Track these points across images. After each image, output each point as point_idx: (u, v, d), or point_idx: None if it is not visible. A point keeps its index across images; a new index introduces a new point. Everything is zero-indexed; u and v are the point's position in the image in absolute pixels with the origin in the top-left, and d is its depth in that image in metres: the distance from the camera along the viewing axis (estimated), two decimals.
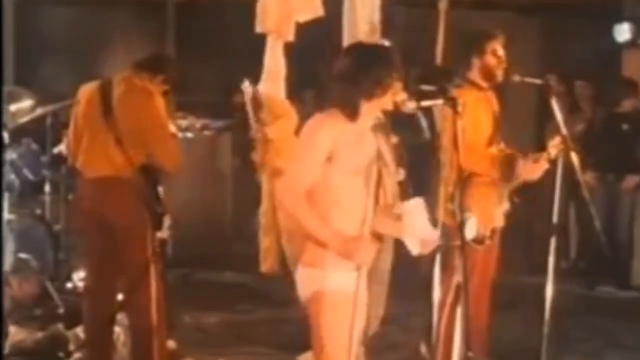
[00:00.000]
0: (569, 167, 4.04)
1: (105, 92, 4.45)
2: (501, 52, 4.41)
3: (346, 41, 4.56)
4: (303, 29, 4.83)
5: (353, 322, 3.14)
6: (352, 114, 3.09)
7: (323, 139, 3.06)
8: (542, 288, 4.11)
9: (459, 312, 3.53)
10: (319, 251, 3.11)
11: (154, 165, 4.50)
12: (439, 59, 5.46)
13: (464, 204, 4.13)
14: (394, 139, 3.83)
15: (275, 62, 4.84)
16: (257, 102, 6.11)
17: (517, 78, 4.44)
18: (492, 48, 4.40)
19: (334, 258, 3.10)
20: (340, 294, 3.11)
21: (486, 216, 4.31)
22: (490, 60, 4.39)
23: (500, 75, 4.42)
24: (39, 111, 5.92)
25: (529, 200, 4.68)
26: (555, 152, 4.19)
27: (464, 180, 4.16)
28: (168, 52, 8.53)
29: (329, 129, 3.07)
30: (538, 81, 4.51)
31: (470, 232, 4.19)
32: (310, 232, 3.11)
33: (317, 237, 3.10)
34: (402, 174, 3.82)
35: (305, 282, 3.17)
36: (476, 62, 4.42)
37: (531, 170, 4.36)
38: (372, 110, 3.14)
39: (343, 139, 3.07)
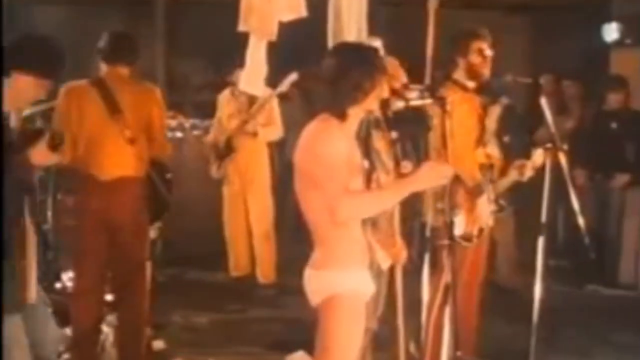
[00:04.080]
0: (556, 166, 4.06)
1: (103, 91, 4.40)
2: (487, 51, 4.40)
3: (331, 40, 4.55)
4: (290, 28, 4.82)
5: (363, 323, 3.14)
6: (341, 116, 3.09)
7: (339, 144, 3.02)
8: (530, 286, 4.12)
9: (448, 311, 3.54)
10: (330, 252, 3.08)
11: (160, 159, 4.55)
12: (428, 58, 5.47)
13: (452, 203, 4.15)
14: (393, 134, 3.83)
15: (256, 61, 4.83)
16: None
17: (509, 77, 4.44)
18: (477, 47, 4.38)
19: (346, 259, 3.08)
20: (355, 295, 3.09)
21: (473, 215, 4.32)
22: (475, 59, 4.36)
23: (485, 74, 4.41)
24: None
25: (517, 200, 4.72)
26: (540, 160, 4.21)
27: (453, 179, 4.17)
28: (157, 52, 8.54)
29: (337, 134, 3.05)
30: (528, 80, 4.52)
31: (458, 229, 4.20)
32: (381, 209, 3.16)
33: (391, 203, 3.20)
34: (407, 166, 3.79)
35: (317, 285, 3.11)
36: (461, 61, 4.40)
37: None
38: (357, 113, 3.14)
39: (346, 142, 3.07)
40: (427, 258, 3.82)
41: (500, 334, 5.22)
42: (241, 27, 4.81)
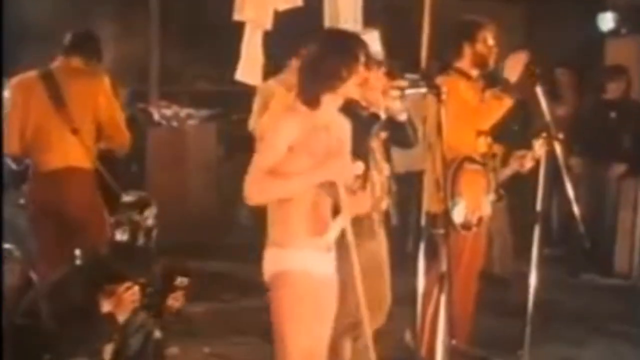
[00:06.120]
0: (552, 155, 4.06)
1: (49, 83, 4.41)
2: (491, 40, 4.44)
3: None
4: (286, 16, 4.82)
5: (320, 308, 3.11)
6: (313, 103, 3.06)
7: (284, 132, 3.03)
8: (525, 275, 4.13)
9: (443, 299, 3.54)
10: (287, 230, 3.08)
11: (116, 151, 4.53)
12: (424, 47, 5.46)
13: (454, 190, 4.16)
14: (383, 135, 3.84)
15: (252, 51, 4.83)
16: None
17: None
18: (483, 36, 4.43)
19: (301, 237, 3.07)
20: (304, 275, 3.06)
21: (474, 203, 4.32)
22: (482, 48, 4.42)
23: (491, 63, 4.45)
24: None
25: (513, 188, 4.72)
26: (541, 151, 4.22)
27: (455, 166, 4.18)
28: (152, 40, 8.51)
29: (290, 122, 3.05)
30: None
31: (458, 217, 4.20)
32: (289, 194, 3.04)
33: (298, 190, 3.04)
34: (386, 169, 3.83)
35: (270, 262, 3.13)
36: (467, 51, 4.44)
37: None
38: (333, 100, 3.11)
39: (303, 129, 3.04)
40: (422, 247, 3.81)
41: (495, 322, 5.23)
42: (236, 17, 4.80)
